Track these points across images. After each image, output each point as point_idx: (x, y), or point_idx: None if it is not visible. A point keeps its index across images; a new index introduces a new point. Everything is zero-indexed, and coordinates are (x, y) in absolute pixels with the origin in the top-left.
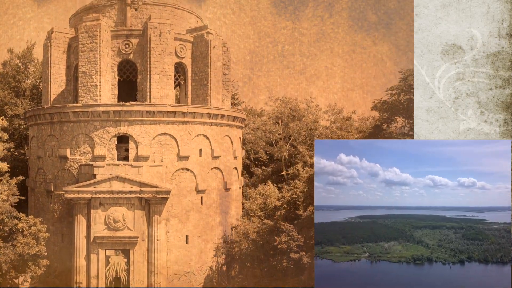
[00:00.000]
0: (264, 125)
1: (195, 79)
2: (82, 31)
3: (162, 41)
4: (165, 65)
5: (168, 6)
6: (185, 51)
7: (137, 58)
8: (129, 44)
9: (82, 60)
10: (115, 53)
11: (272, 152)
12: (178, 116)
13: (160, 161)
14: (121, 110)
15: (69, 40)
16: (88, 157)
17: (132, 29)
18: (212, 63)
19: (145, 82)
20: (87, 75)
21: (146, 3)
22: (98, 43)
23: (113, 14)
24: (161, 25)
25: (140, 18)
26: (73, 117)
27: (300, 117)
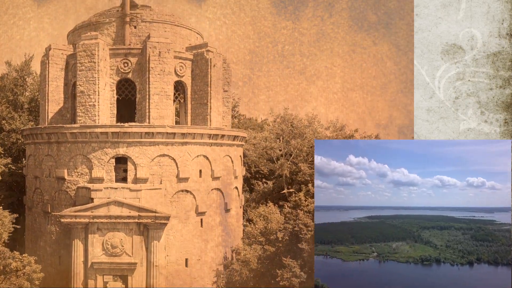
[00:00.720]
0: (265, 141)
1: (195, 98)
2: (80, 49)
3: (161, 61)
4: (165, 85)
5: (168, 24)
6: (185, 70)
7: (136, 77)
8: (128, 63)
9: (80, 79)
10: (114, 72)
11: (273, 169)
12: (177, 137)
13: (159, 183)
14: (119, 131)
15: (67, 57)
16: (86, 178)
17: (131, 48)
18: (212, 82)
19: (144, 101)
20: (85, 95)
21: (145, 21)
22: (96, 62)
23: (112, 32)
24: (160, 44)
25: (139, 36)
26: (71, 138)
27: (301, 134)
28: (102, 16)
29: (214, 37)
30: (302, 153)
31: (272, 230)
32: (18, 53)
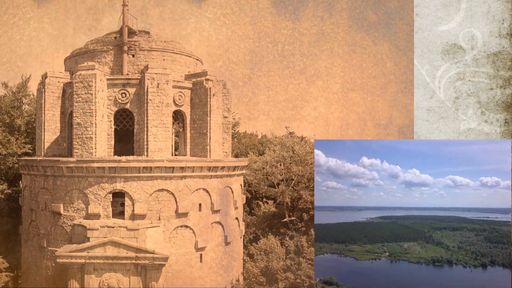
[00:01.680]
0: (266, 165)
1: (194, 127)
2: (76, 80)
3: (159, 93)
4: (163, 117)
5: (167, 52)
6: (184, 99)
7: (134, 108)
8: (125, 93)
9: (77, 111)
10: (112, 102)
11: (275, 195)
12: (176, 171)
13: (158, 218)
14: (116, 166)
15: (64, 85)
16: (82, 214)
17: (129, 78)
18: (211, 111)
19: (142, 133)
20: (82, 127)
21: (143, 49)
22: (93, 94)
23: (109, 60)
24: (159, 76)
25: (137, 65)
26: (67, 172)
27: (303, 160)
28: (99, 44)
29: (214, 37)
30: (304, 178)
31: (273, 270)
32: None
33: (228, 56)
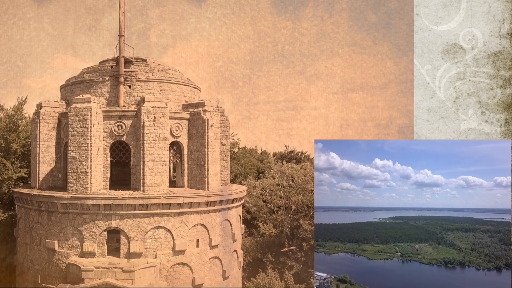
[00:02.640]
0: (265, 190)
1: (191, 158)
2: (71, 113)
3: (156, 126)
4: (160, 151)
5: (164, 82)
6: (181, 130)
7: (131, 140)
8: (122, 125)
9: (71, 144)
10: (107, 135)
11: (274, 222)
12: (173, 207)
13: (154, 257)
14: (112, 203)
15: (59, 115)
16: (77, 251)
17: (125, 110)
18: (209, 143)
19: (139, 166)
20: (77, 161)
21: (140, 80)
22: (88, 128)
23: (105, 91)
24: (156, 109)
25: (134, 96)
26: (61, 208)
27: (303, 189)
28: (95, 73)
29: (214, 37)
30: (304, 206)
31: None
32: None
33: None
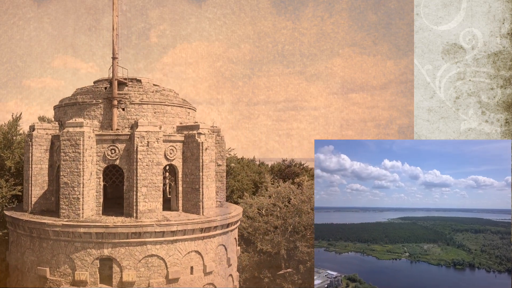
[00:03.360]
0: (261, 208)
1: (186, 181)
2: (64, 138)
3: (150, 151)
4: (153, 176)
5: (158, 104)
6: (175, 153)
7: (124, 164)
8: (115, 149)
9: (64, 170)
10: (101, 159)
11: (271, 243)
12: (167, 235)
13: (147, 285)
14: (104, 232)
15: (52, 137)
16: (69, 279)
17: (118, 134)
18: (204, 166)
19: (132, 191)
20: (69, 187)
21: (133, 103)
22: (81, 153)
23: (99, 114)
24: (149, 133)
25: (127, 119)
26: (53, 236)
27: (299, 210)
28: (88, 95)
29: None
30: (300, 226)
31: None
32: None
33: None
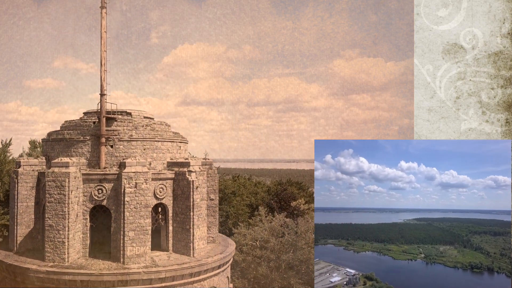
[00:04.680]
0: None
1: (176, 221)
2: (49, 178)
3: (138, 193)
4: (142, 220)
5: (148, 141)
6: (166, 190)
7: (111, 205)
8: (102, 189)
9: (48, 212)
10: (87, 199)
11: (264, 281)
12: (155, 282)
13: None
14: (89, 280)
15: (39, 173)
16: None
17: (105, 173)
18: (195, 206)
19: (119, 234)
20: (54, 229)
21: (122, 140)
22: (66, 195)
23: (86, 151)
24: (137, 174)
25: (116, 156)
26: (37, 282)
27: (294, 246)
28: (76, 131)
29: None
30: (295, 262)
31: None
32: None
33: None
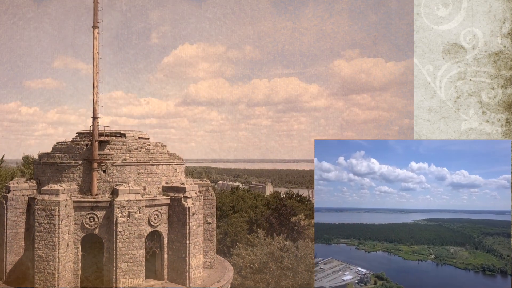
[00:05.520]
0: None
1: (172, 248)
2: (39, 207)
3: (131, 223)
4: (135, 250)
5: (142, 165)
6: (161, 217)
7: (104, 233)
8: (94, 217)
9: (38, 242)
10: (79, 227)
11: None
12: None
13: None
14: None
15: (29, 199)
16: None
17: (97, 200)
18: (191, 233)
19: (111, 265)
20: (43, 260)
21: (115, 164)
22: (56, 224)
23: (78, 176)
24: (130, 203)
25: (108, 182)
26: None
27: (293, 271)
28: (68, 155)
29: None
30: (295, 285)
31: None
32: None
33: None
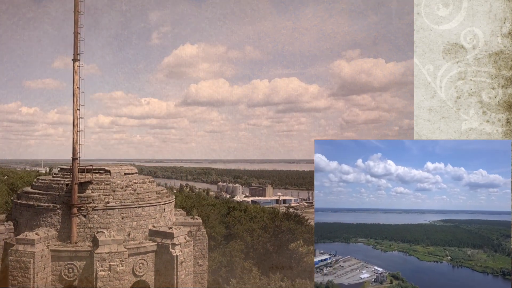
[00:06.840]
0: None
1: None
2: (12, 258)
3: (112, 277)
4: None
5: (126, 208)
6: (146, 266)
7: (84, 286)
8: (73, 268)
9: None
10: (57, 278)
11: None
12: None
13: None
14: None
15: (5, 243)
16: None
17: (77, 250)
18: (179, 283)
19: None
20: None
21: (97, 208)
22: (31, 279)
23: (56, 221)
24: (112, 255)
25: (89, 228)
26: None
27: None
28: (47, 196)
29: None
30: None
31: None
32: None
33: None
